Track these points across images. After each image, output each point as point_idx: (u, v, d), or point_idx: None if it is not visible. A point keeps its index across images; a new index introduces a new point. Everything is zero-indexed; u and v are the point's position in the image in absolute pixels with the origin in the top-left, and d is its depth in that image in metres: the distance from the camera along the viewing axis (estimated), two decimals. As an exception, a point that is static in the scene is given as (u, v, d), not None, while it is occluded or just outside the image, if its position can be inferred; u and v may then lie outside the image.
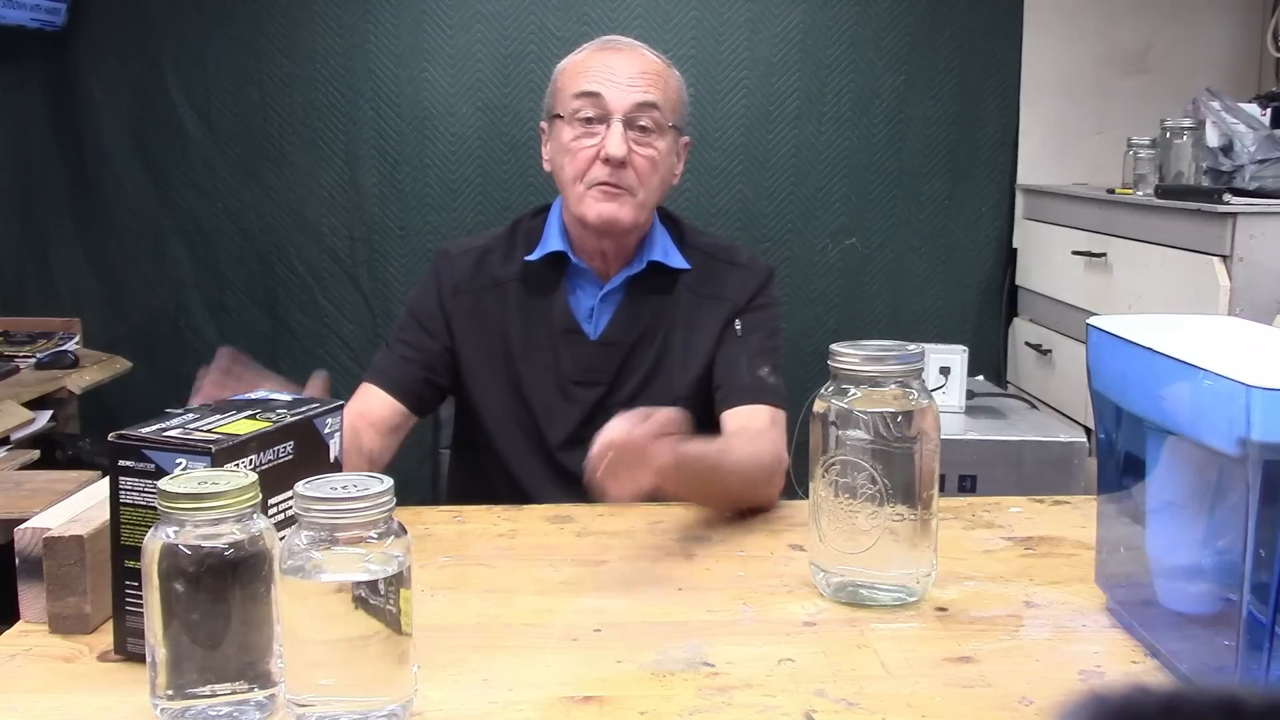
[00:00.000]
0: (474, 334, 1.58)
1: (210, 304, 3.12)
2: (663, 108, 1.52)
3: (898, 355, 1.07)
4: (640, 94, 1.50)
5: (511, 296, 1.58)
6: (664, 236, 1.61)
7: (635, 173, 1.51)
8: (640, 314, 1.58)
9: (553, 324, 1.57)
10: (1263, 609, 0.82)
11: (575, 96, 1.52)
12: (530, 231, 1.62)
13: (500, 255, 1.61)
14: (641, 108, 1.50)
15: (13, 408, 2.34)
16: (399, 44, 3.00)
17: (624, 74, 1.51)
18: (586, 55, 1.55)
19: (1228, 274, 2.11)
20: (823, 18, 3.01)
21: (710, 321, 1.59)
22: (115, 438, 0.94)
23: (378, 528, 0.84)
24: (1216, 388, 0.83)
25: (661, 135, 1.53)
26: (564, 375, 1.57)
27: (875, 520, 1.06)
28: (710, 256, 1.62)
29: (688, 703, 0.90)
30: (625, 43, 1.57)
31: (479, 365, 1.58)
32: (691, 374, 1.58)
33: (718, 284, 1.60)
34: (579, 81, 1.52)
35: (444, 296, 1.59)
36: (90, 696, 0.92)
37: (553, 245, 1.57)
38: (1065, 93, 3.05)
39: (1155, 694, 0.35)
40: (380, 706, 0.84)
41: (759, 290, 1.61)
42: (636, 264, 1.58)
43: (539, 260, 1.58)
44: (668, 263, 1.58)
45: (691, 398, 1.57)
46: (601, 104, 1.50)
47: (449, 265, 1.61)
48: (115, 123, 3.04)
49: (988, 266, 3.13)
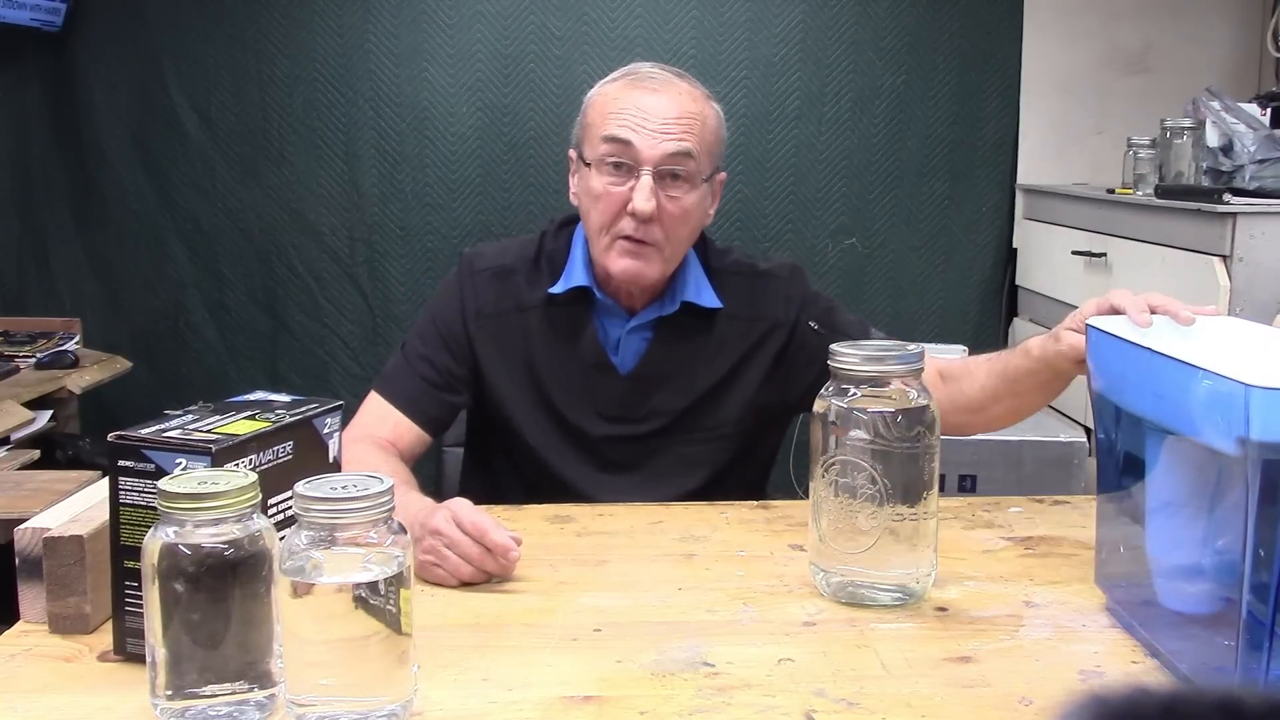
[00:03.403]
0: (498, 359, 1.53)
1: (210, 304, 3.12)
2: (698, 156, 1.43)
3: (898, 355, 1.07)
4: (674, 143, 1.42)
5: (536, 324, 1.52)
6: (695, 269, 1.53)
7: (663, 227, 1.43)
8: (674, 350, 1.52)
9: (583, 358, 1.51)
10: (1262, 609, 0.82)
11: (605, 140, 1.43)
12: (554, 255, 1.54)
13: (525, 278, 1.54)
14: (675, 158, 1.42)
15: (13, 408, 2.34)
16: (399, 44, 3.00)
17: (657, 119, 1.42)
18: (619, 90, 1.46)
19: (1228, 274, 2.11)
20: (823, 18, 3.01)
21: (760, 338, 1.54)
22: (115, 438, 0.94)
23: (378, 528, 0.84)
24: (1216, 388, 0.83)
25: (694, 186, 1.45)
26: (596, 408, 1.52)
27: (875, 520, 1.06)
28: (739, 275, 1.56)
29: (688, 703, 0.90)
30: (661, 79, 1.47)
31: (511, 388, 1.52)
32: (744, 397, 1.53)
33: (756, 303, 1.54)
34: (609, 124, 1.43)
35: (468, 319, 1.52)
36: (90, 696, 0.92)
37: (577, 280, 1.50)
38: (1065, 93, 3.05)
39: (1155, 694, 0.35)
40: (380, 706, 0.84)
41: (802, 291, 1.56)
42: (669, 304, 1.51)
43: (563, 293, 1.51)
44: (700, 303, 1.51)
45: (744, 420, 1.53)
46: (633, 153, 1.41)
47: (473, 285, 1.53)
48: (115, 123, 3.04)
49: (988, 266, 3.13)
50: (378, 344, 3.05)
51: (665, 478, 1.52)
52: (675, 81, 1.48)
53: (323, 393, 1.18)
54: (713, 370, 1.53)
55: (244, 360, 3.13)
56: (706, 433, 1.54)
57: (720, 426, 1.53)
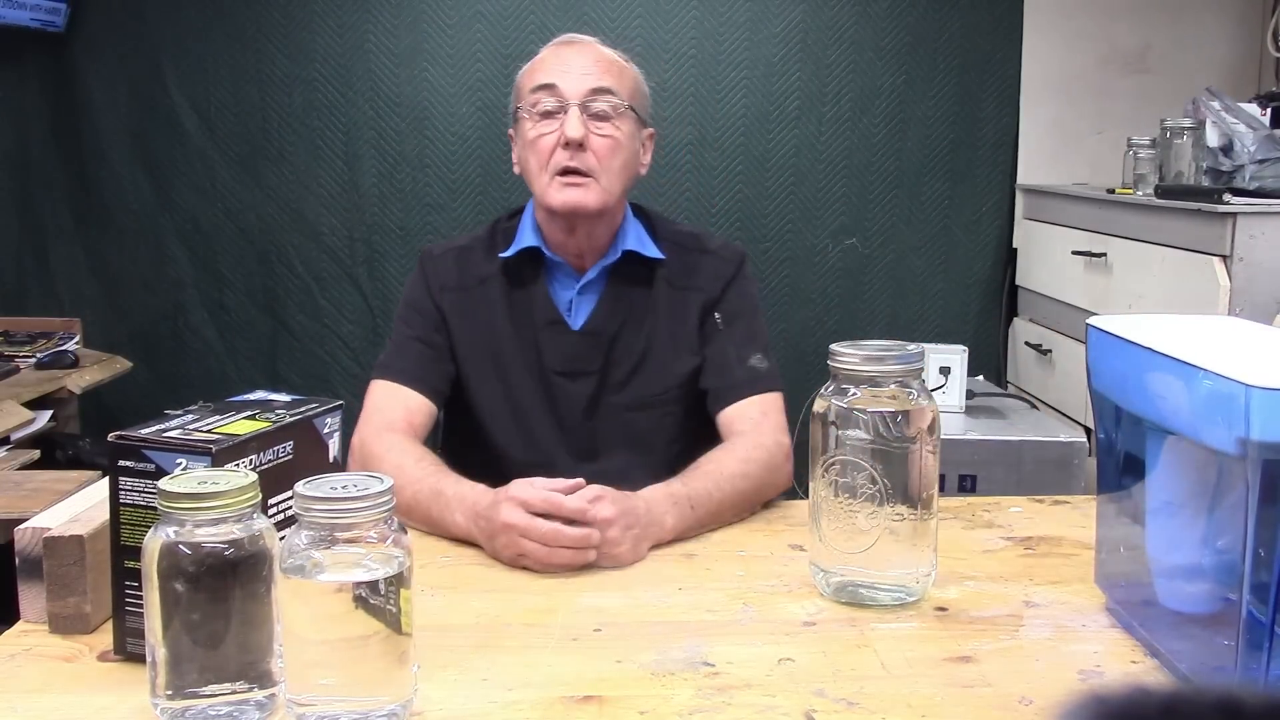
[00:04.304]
0: (466, 331, 1.60)
1: (210, 304, 3.12)
2: (618, 92, 1.55)
3: (898, 355, 1.07)
4: (594, 80, 1.54)
5: (495, 292, 1.60)
6: (637, 227, 1.63)
7: (596, 156, 1.53)
8: (621, 303, 1.60)
9: (535, 317, 1.59)
10: (1262, 609, 0.82)
11: (532, 91, 1.56)
12: (507, 230, 1.64)
13: (481, 254, 1.63)
14: (596, 93, 1.53)
15: (13, 408, 2.34)
16: (399, 44, 3.00)
17: (578, 65, 1.55)
18: (543, 54, 1.61)
19: (1228, 274, 2.11)
20: (823, 18, 3.01)
21: (689, 313, 1.60)
22: (115, 438, 0.94)
23: (378, 528, 0.84)
24: (1216, 388, 0.83)
25: (620, 119, 1.55)
26: (547, 367, 1.58)
27: (875, 520, 1.06)
28: (681, 246, 1.63)
29: (688, 703, 0.90)
30: (579, 38, 1.61)
31: (472, 362, 1.60)
32: (682, 366, 1.59)
33: (692, 274, 1.62)
34: (535, 77, 1.57)
35: (434, 294, 1.61)
36: (90, 696, 0.92)
37: (526, 241, 1.59)
38: (1065, 93, 3.05)
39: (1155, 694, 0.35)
40: (380, 706, 0.84)
41: (733, 277, 1.62)
42: (611, 254, 1.59)
43: (515, 256, 1.60)
44: (643, 252, 1.60)
45: (684, 387, 1.59)
46: (557, 93, 1.53)
47: (434, 265, 1.63)
48: (115, 123, 3.04)
49: (988, 266, 3.13)
50: (377, 344, 3.05)
51: (616, 447, 1.57)
52: (593, 40, 1.62)
53: (323, 393, 1.18)
54: (655, 325, 1.59)
55: (244, 360, 3.13)
56: (657, 390, 1.59)
57: (668, 384, 1.58)
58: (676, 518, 1.28)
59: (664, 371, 1.59)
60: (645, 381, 1.59)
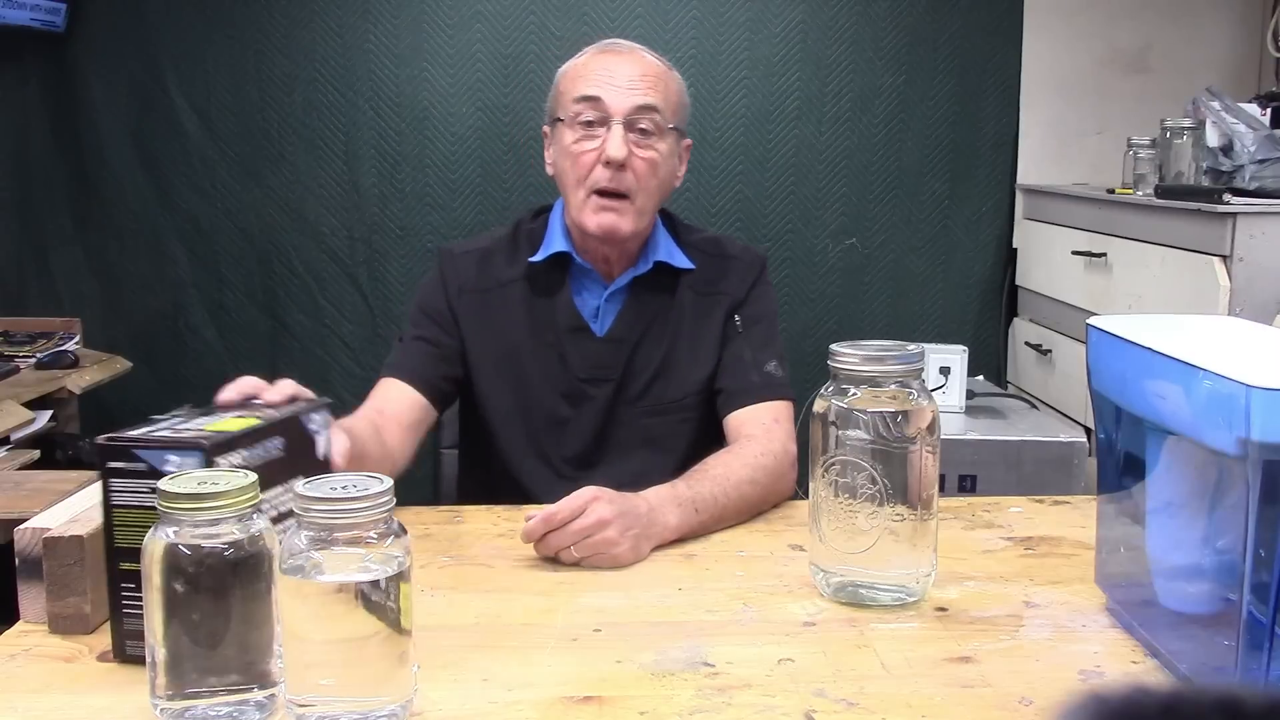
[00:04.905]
0: (481, 335, 1.59)
1: (210, 304, 3.11)
2: (663, 110, 1.53)
3: (898, 355, 1.07)
4: (640, 97, 1.51)
5: (517, 297, 1.59)
6: (666, 236, 1.62)
7: (635, 175, 1.51)
8: (645, 311, 1.60)
9: (559, 323, 1.58)
10: (1263, 609, 0.82)
11: (576, 100, 1.53)
12: (532, 233, 1.63)
13: (504, 257, 1.62)
14: (641, 110, 1.51)
15: (13, 408, 2.34)
16: (399, 44, 3.00)
17: (624, 77, 1.52)
18: (587, 59, 1.57)
19: (1228, 274, 2.11)
20: (823, 18, 3.01)
21: (715, 317, 1.60)
22: (104, 440, 0.93)
23: (378, 528, 0.84)
24: (1216, 388, 0.83)
25: (662, 138, 1.54)
26: (572, 374, 1.58)
27: (875, 520, 1.06)
28: (705, 253, 1.64)
29: (688, 703, 0.90)
30: (625, 46, 1.58)
31: (486, 366, 1.59)
32: (702, 371, 1.59)
33: (716, 279, 1.62)
34: (579, 85, 1.53)
35: (451, 296, 1.59)
36: (90, 697, 0.92)
37: (556, 246, 1.58)
38: (1065, 93, 3.05)
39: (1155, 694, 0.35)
40: (380, 706, 0.84)
41: (755, 281, 1.63)
42: (642, 265, 1.59)
43: (543, 261, 1.59)
44: (672, 263, 1.60)
45: (702, 393, 1.59)
46: (602, 107, 1.51)
47: (453, 265, 1.61)
48: (115, 123, 3.04)
49: (988, 266, 3.13)
50: (378, 344, 3.05)
51: (633, 451, 1.57)
52: (638, 48, 1.59)
53: (323, 393, 1.18)
54: (678, 332, 1.59)
55: (243, 360, 3.13)
56: (672, 404, 1.59)
57: (688, 391, 1.59)
58: (680, 518, 1.28)
59: (683, 379, 1.59)
60: (664, 388, 1.59)
